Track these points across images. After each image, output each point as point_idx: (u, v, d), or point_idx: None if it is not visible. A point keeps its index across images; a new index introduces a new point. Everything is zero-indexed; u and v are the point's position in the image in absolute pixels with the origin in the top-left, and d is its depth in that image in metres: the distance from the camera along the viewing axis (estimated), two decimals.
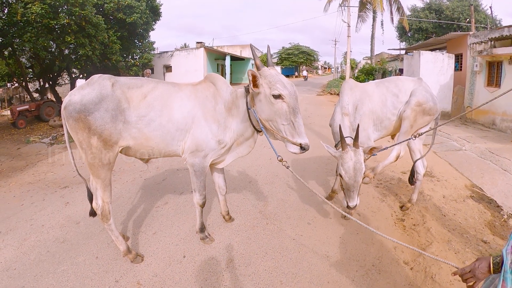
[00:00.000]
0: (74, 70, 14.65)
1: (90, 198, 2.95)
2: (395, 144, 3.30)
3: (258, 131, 2.95)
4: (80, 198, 4.43)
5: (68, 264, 2.98)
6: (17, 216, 3.99)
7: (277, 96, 2.50)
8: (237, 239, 3.40)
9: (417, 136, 3.11)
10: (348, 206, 2.92)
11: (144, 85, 2.85)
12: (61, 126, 10.29)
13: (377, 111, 3.71)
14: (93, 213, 2.98)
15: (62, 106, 2.64)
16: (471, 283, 1.37)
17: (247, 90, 2.84)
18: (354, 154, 2.81)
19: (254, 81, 2.56)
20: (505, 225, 3.75)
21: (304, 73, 45.41)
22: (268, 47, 2.80)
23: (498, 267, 1.30)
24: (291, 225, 3.68)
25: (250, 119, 2.87)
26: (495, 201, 4.37)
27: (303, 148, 2.52)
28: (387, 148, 2.87)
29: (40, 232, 3.56)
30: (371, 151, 2.91)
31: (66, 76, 15.96)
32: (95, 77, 2.76)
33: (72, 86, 14.59)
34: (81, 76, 15.10)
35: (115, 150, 2.75)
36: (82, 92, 2.62)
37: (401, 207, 4.12)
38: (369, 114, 3.66)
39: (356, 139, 2.85)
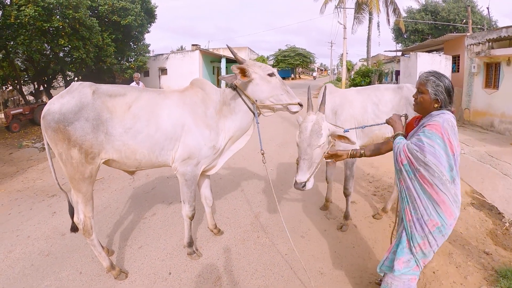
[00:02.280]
0: (69, 73, 14.53)
1: (72, 213, 2.82)
2: (358, 127, 2.97)
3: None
4: (67, 208, 4.28)
5: (51, 279, 2.87)
6: (3, 226, 3.88)
7: (271, 74, 2.90)
8: (226, 254, 3.25)
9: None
10: (295, 182, 2.50)
11: (127, 93, 2.72)
12: None
13: (358, 117, 3.61)
14: (74, 229, 2.85)
15: (41, 115, 2.51)
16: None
17: (234, 87, 2.97)
18: (316, 117, 2.52)
19: (244, 73, 2.81)
20: (507, 233, 3.65)
21: (314, 73, 59.19)
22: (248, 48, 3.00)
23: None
24: (284, 239, 3.49)
25: (249, 108, 2.97)
26: (496, 208, 4.27)
27: (301, 104, 2.94)
28: (349, 130, 2.58)
29: (26, 244, 3.46)
30: (339, 137, 2.55)
31: (61, 79, 15.83)
32: (75, 84, 2.63)
33: None
34: (76, 79, 14.99)
35: (97, 163, 2.62)
36: (61, 101, 2.49)
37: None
38: (350, 119, 3.57)
39: (322, 103, 2.66)
